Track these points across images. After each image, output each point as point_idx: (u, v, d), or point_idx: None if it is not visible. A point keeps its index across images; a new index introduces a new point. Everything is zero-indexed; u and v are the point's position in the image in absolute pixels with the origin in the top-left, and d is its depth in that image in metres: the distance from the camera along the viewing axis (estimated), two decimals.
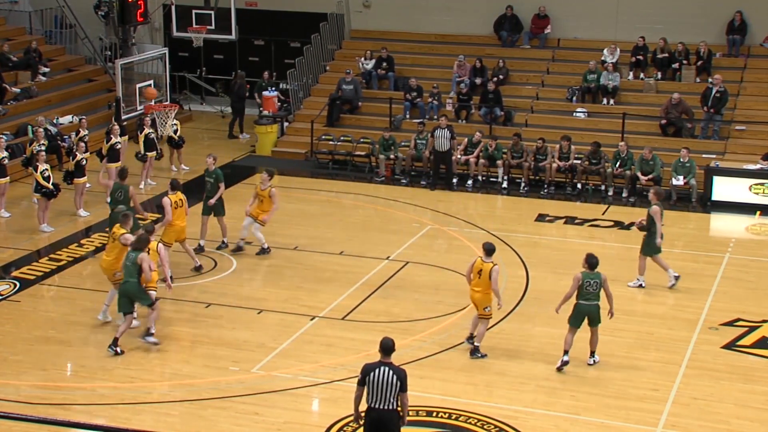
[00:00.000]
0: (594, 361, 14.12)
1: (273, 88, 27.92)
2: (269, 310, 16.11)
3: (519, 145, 23.45)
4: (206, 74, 31.56)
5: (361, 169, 24.79)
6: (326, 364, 14.13)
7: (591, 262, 13.99)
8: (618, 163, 22.42)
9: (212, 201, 18.61)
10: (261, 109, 27.29)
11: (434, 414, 12.73)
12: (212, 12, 25.84)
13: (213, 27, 25.78)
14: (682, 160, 21.94)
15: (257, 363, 14.18)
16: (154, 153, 23.18)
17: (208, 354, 14.42)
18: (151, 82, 24.81)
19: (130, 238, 14.85)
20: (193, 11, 25.88)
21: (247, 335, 15.17)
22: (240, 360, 14.23)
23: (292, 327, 15.42)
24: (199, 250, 18.40)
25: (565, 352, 13.95)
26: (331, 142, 25.71)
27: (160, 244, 15.61)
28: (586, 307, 13.88)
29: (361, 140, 25.44)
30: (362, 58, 27.76)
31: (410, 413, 12.61)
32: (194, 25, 25.76)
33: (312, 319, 15.71)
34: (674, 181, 21.93)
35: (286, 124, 27.33)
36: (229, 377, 13.77)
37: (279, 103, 27.40)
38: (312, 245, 19.20)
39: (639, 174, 22.27)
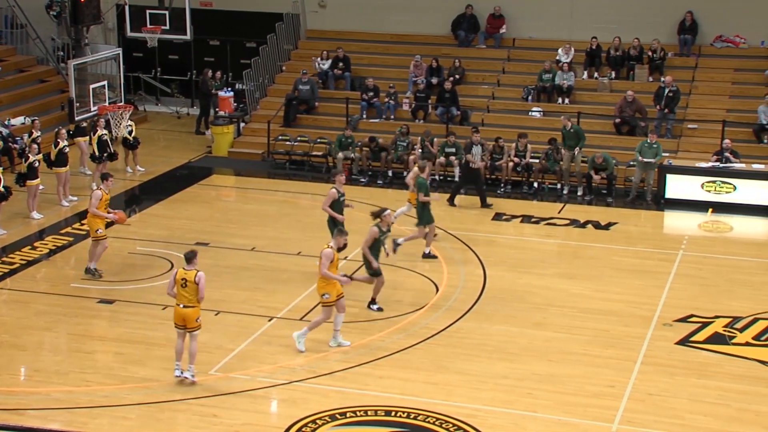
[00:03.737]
0: None
1: (228, 89, 27.81)
2: (227, 312, 16.02)
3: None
4: (161, 75, 31.32)
5: (319, 169, 24.75)
6: (285, 365, 14.08)
7: None
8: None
9: None
10: (217, 109, 27.15)
11: (393, 414, 12.74)
12: (167, 12, 25.63)
13: (168, 27, 25.57)
14: (649, 141, 22.12)
15: (215, 365, 14.09)
16: (107, 155, 22.90)
17: (166, 356, 14.29)
18: (105, 82, 24.53)
19: None
20: (147, 11, 25.65)
21: (205, 337, 15.02)
22: (197, 362, 14.10)
23: (250, 328, 15.35)
24: None
25: None
26: (288, 143, 25.64)
27: None
28: None
29: (318, 140, 25.40)
30: (318, 58, 27.72)
31: (369, 413, 12.67)
32: (148, 26, 25.54)
33: (270, 320, 15.65)
34: (639, 158, 22.10)
35: (242, 124, 27.21)
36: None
37: (235, 104, 27.31)
38: (270, 246, 19.13)
39: (592, 173, 22.46)
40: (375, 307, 15.99)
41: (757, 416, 12.75)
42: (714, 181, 21.91)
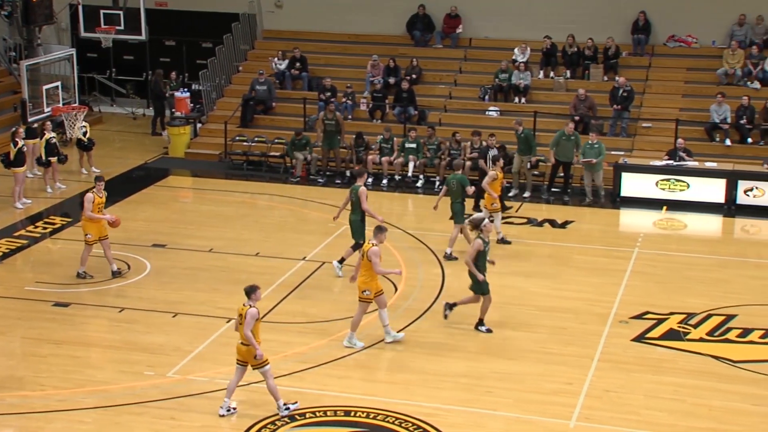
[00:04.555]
0: None
1: (185, 89, 27.63)
2: (185, 313, 15.93)
3: (434, 138, 23.64)
4: (116, 75, 31.03)
5: (276, 170, 24.69)
6: None
7: None
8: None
9: None
10: (173, 110, 26.96)
11: (353, 414, 12.74)
12: (121, 12, 25.43)
13: (122, 27, 25.36)
14: (590, 142, 22.04)
15: (173, 367, 14.00)
16: (55, 158, 22.60)
17: (123, 359, 14.19)
18: (59, 83, 24.24)
19: None
20: (101, 11, 25.42)
21: (163, 339, 14.97)
22: (155, 364, 14.04)
23: (209, 329, 15.27)
24: None
25: None
26: (245, 143, 25.54)
27: None
28: None
29: (276, 141, 25.33)
30: (275, 59, 27.64)
31: (328, 413, 12.66)
32: (102, 26, 25.31)
33: (228, 321, 15.57)
34: (582, 159, 22.21)
35: (199, 125, 27.05)
36: (145, 382, 13.57)
37: (191, 104, 27.15)
38: (227, 247, 19.04)
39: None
40: (484, 328, 15.23)
41: (710, 411, 12.93)
42: (668, 180, 22.17)
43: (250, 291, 12.65)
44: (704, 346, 14.85)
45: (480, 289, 15.08)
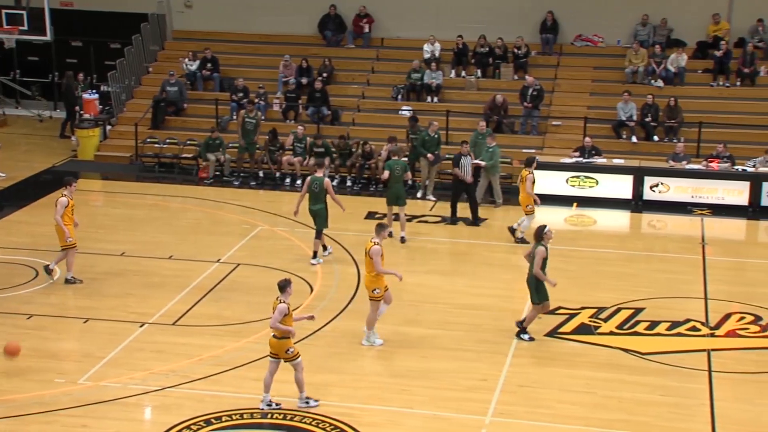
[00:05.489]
0: None
1: (93, 91, 27.13)
2: (96, 319, 15.64)
3: (345, 144, 23.70)
4: (21, 77, 30.30)
5: (189, 172, 24.42)
6: (157, 371, 13.85)
7: None
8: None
9: None
10: (81, 112, 26.44)
11: (269, 416, 12.68)
12: (24, 12, 24.83)
13: (26, 27, 24.76)
14: (488, 145, 21.93)
15: (84, 373, 13.73)
16: None
17: (31, 367, 13.85)
18: None
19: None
20: (3, 11, 24.79)
21: (73, 345, 14.69)
22: (65, 371, 13.76)
23: (121, 335, 15.03)
24: None
25: None
26: (156, 145, 25.20)
27: None
28: None
29: (188, 142, 25.05)
30: (186, 59, 27.34)
31: (245, 416, 12.58)
32: (5, 26, 24.68)
33: (141, 326, 15.36)
34: (477, 161, 22.31)
35: (108, 127, 26.60)
36: (54, 390, 13.27)
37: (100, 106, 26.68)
38: (140, 250, 18.76)
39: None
40: (527, 336, 15.09)
41: (620, 402, 13.22)
42: (578, 176, 22.60)
43: (284, 285, 12.82)
44: (614, 340, 15.18)
45: (539, 298, 15.00)
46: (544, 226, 15.10)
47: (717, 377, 13.97)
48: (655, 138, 24.64)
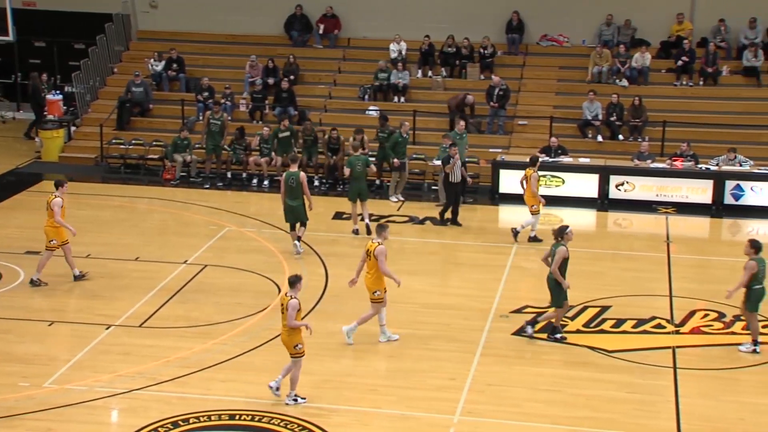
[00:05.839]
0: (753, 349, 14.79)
1: (57, 91, 26.90)
2: (62, 321, 15.52)
3: (311, 129, 23.55)
4: None
5: (155, 173, 24.28)
6: (124, 374, 13.76)
7: (757, 245, 14.57)
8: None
9: None
10: (45, 113, 26.20)
11: (237, 417, 12.65)
12: None
13: None
14: (444, 146, 21.68)
15: (49, 377, 13.61)
16: None
17: None
18: None
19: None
20: None
21: (38, 348, 14.56)
22: (30, 375, 13.63)
23: (87, 337, 14.91)
24: None
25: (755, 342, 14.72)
26: (122, 146, 25.04)
27: None
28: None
29: (154, 143, 24.91)
30: (151, 60, 27.17)
31: (212, 417, 12.54)
32: None
33: (108, 328, 15.25)
34: (434, 161, 22.37)
35: (73, 128, 26.38)
36: (19, 394, 13.15)
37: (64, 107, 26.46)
38: (106, 252, 18.62)
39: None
40: (560, 335, 15.09)
41: (587, 400, 13.31)
42: (544, 175, 22.69)
43: (294, 281, 12.90)
44: (581, 338, 15.28)
45: (558, 301, 14.97)
46: (567, 227, 15.09)
47: (682, 374, 14.11)
48: (620, 137, 24.84)
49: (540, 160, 20.24)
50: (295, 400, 12.99)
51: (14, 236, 19.34)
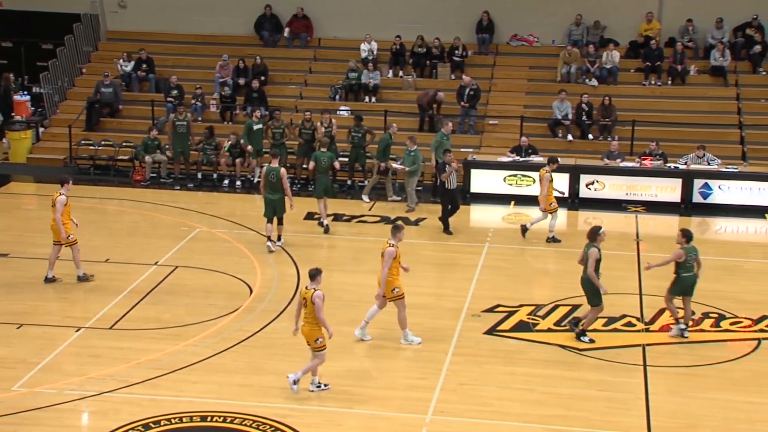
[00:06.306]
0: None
1: (25, 92, 26.69)
2: (31, 324, 15.37)
3: (279, 121, 23.47)
4: None
5: (125, 174, 24.14)
6: (94, 376, 13.66)
7: (688, 235, 14.94)
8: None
9: None
10: (12, 114, 25.99)
11: (209, 419, 12.60)
12: None
13: None
14: (409, 149, 21.74)
15: (18, 380, 13.49)
16: None
17: None
18: None
19: None
20: None
21: (6, 352, 14.42)
22: (6, 378, 13.51)
23: (57, 340, 14.79)
24: None
25: (677, 321, 15.23)
26: (91, 147, 24.88)
27: None
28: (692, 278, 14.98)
29: (124, 144, 24.76)
30: (120, 60, 27.01)
31: (184, 419, 12.48)
32: None
33: (78, 331, 15.14)
34: (396, 165, 22.34)
35: (41, 129, 26.16)
36: None
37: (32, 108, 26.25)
38: None
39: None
40: (587, 339, 15.03)
41: (558, 398, 13.38)
42: (515, 175, 22.81)
43: (315, 274, 13.09)
44: (552, 336, 15.35)
45: (594, 300, 14.96)
46: (599, 228, 15.09)
47: (651, 371, 14.22)
48: (590, 136, 24.99)
49: (557, 161, 20.11)
50: (319, 386, 13.31)
51: None
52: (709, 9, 26.87)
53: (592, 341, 15.07)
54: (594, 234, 14.95)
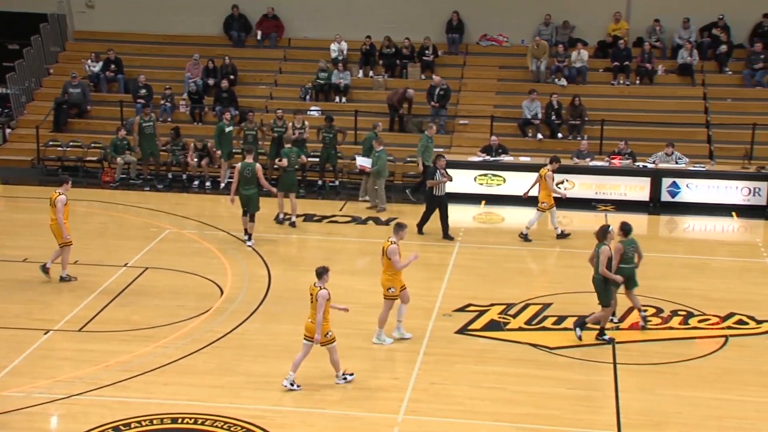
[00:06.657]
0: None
1: None
2: None
3: (252, 122, 23.42)
4: None
5: (94, 175, 23.97)
6: (63, 379, 13.55)
7: (626, 228, 15.16)
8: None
9: None
10: None
11: (180, 420, 12.53)
12: None
13: None
14: (375, 149, 21.67)
15: None
16: None
17: None
18: None
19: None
20: None
21: None
22: None
23: (25, 343, 14.65)
24: None
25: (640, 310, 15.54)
26: (59, 148, 24.69)
27: None
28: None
29: (92, 145, 24.58)
30: (89, 60, 26.82)
31: (154, 421, 12.41)
32: None
33: (46, 333, 15.01)
34: (359, 162, 22.38)
35: (8, 130, 25.93)
36: None
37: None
38: (43, 256, 18.26)
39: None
40: (607, 338, 15.08)
41: (530, 397, 13.43)
42: (485, 174, 22.89)
43: (322, 272, 13.20)
44: (523, 335, 15.40)
45: (606, 300, 15.01)
46: (608, 227, 15.14)
47: (621, 369, 14.30)
48: (560, 136, 25.12)
49: (560, 161, 20.30)
50: (345, 378, 13.44)
51: None
52: (676, 9, 27.11)
53: (612, 340, 15.08)
54: (604, 233, 15.01)
